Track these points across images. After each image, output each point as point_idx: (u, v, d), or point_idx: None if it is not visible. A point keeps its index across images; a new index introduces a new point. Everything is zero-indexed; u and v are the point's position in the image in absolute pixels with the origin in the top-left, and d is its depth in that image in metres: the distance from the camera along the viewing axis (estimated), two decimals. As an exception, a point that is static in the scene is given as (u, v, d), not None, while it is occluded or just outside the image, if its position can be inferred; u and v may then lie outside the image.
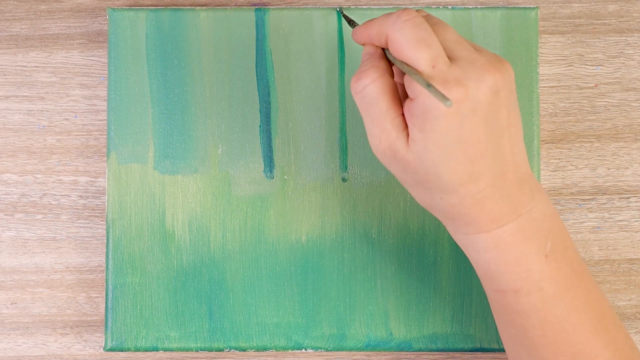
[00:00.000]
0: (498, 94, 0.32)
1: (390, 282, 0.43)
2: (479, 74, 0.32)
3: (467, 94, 0.31)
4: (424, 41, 0.32)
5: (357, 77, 0.34)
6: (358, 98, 0.34)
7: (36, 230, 0.45)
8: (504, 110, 0.33)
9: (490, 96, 0.32)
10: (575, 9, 0.46)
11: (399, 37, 0.32)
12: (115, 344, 0.43)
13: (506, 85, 0.32)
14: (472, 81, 0.31)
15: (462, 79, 0.31)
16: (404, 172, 0.34)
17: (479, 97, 0.31)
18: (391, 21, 0.33)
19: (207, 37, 0.44)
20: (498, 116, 0.32)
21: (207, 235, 0.44)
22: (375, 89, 0.33)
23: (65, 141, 0.45)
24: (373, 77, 0.33)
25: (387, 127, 0.33)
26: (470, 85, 0.31)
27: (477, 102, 0.31)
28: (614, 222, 0.45)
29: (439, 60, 0.32)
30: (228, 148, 0.44)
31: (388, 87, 0.34)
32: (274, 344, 0.43)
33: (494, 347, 0.43)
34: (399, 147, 0.33)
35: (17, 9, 0.46)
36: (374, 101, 0.33)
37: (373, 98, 0.33)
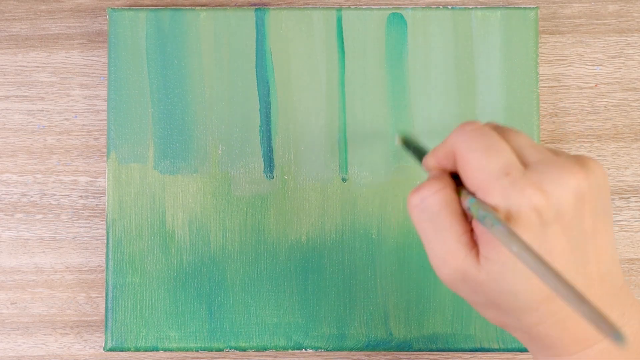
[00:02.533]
0: (582, 199, 0.28)
1: (390, 282, 0.43)
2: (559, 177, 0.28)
3: (548, 199, 0.28)
4: (493, 148, 0.29)
5: (416, 190, 0.30)
6: (416, 212, 0.30)
7: (36, 230, 0.45)
8: (588, 216, 0.29)
9: (573, 201, 0.28)
10: (575, 9, 0.46)
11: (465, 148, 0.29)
12: (115, 344, 0.43)
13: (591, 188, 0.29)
14: (552, 185, 0.28)
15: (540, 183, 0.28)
16: (474, 294, 0.30)
17: (560, 202, 0.28)
18: (455, 135, 0.30)
19: (207, 37, 0.44)
20: (583, 223, 0.29)
21: (207, 235, 0.44)
22: (437, 201, 0.30)
23: (65, 141, 0.45)
24: (435, 189, 0.30)
25: (453, 245, 0.29)
26: (550, 190, 0.28)
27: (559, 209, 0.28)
28: (614, 222, 0.45)
29: (512, 167, 0.28)
30: (228, 148, 0.44)
31: (452, 201, 0.30)
32: (274, 344, 0.43)
33: (494, 347, 0.43)
34: (468, 267, 0.29)
35: (17, 9, 0.46)
36: (436, 215, 0.30)
37: (435, 212, 0.30)
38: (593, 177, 0.29)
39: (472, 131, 0.30)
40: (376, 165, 0.44)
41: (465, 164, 0.29)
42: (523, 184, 0.28)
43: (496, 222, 0.27)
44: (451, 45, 0.44)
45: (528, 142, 0.30)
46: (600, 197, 0.29)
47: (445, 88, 0.44)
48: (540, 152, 0.29)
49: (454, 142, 0.30)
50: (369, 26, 0.44)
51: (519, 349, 0.43)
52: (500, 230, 0.27)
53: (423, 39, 0.44)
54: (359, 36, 0.44)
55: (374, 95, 0.44)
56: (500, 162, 0.28)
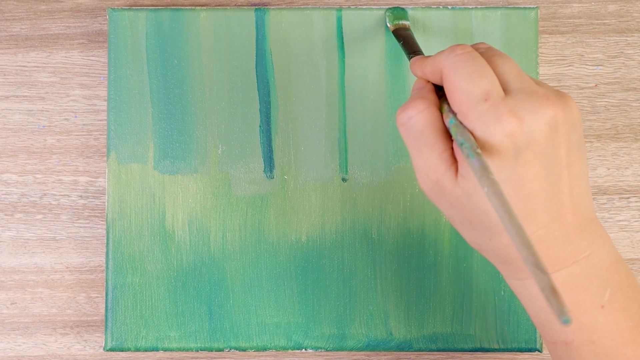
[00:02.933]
0: (556, 129, 0.30)
1: (390, 282, 0.43)
2: (535, 106, 0.29)
3: (522, 126, 0.29)
4: (477, 74, 0.30)
5: (403, 108, 0.32)
6: (403, 130, 0.32)
7: (36, 230, 0.45)
8: (563, 147, 0.30)
9: (547, 130, 0.30)
10: (575, 9, 0.46)
11: (452, 71, 0.31)
12: (115, 344, 0.43)
13: (566, 120, 0.30)
14: (527, 113, 0.29)
15: (517, 111, 0.29)
16: (451, 209, 0.32)
17: (534, 130, 0.29)
18: (444, 55, 0.31)
19: (207, 37, 0.44)
20: (556, 153, 0.30)
21: (207, 235, 0.44)
22: (421, 120, 0.31)
23: (65, 141, 0.45)
24: (420, 109, 0.31)
25: (434, 161, 0.31)
26: (525, 118, 0.29)
27: (533, 136, 0.29)
28: (614, 222, 0.45)
29: (493, 93, 0.30)
30: (228, 148, 0.44)
31: (436, 120, 0.31)
32: (274, 344, 0.43)
33: (494, 347, 0.43)
34: (446, 182, 0.31)
35: (17, 9, 0.46)
36: (420, 133, 0.31)
37: (419, 130, 0.31)
38: (568, 110, 0.30)
39: (460, 55, 0.31)
40: (376, 165, 0.44)
41: (450, 85, 0.31)
42: (500, 110, 0.29)
43: (471, 154, 0.28)
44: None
45: (514, 69, 0.31)
46: (574, 130, 0.31)
47: (445, 88, 0.44)
48: (523, 80, 0.31)
49: (442, 62, 0.31)
50: (369, 26, 0.44)
51: (518, 348, 0.43)
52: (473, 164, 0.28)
53: (423, 39, 0.44)
54: (359, 36, 0.44)
55: (374, 95, 0.44)
56: (482, 87, 0.30)
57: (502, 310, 0.43)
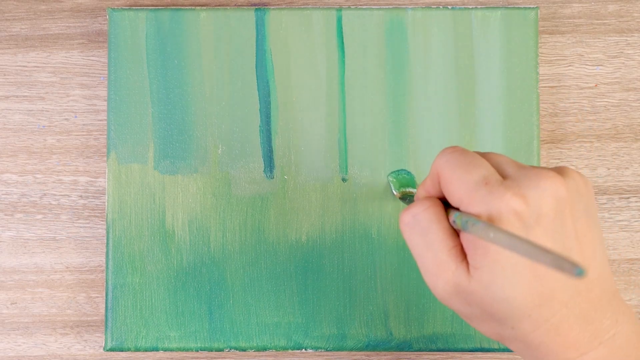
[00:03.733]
0: (562, 201, 0.29)
1: (390, 282, 0.43)
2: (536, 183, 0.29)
3: (528, 203, 0.29)
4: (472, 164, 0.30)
5: (407, 209, 0.31)
6: (408, 229, 0.31)
7: (36, 230, 0.45)
8: (569, 219, 0.30)
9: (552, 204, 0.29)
10: (575, 9, 0.46)
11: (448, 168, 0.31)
12: (115, 344, 0.43)
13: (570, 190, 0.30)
14: (530, 190, 0.29)
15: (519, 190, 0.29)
16: (468, 306, 0.31)
17: (540, 205, 0.29)
18: (437, 159, 0.31)
19: (207, 37, 0.44)
20: (565, 226, 0.29)
21: (207, 235, 0.44)
22: (427, 216, 0.31)
23: (65, 141, 0.45)
24: (425, 206, 0.31)
25: (444, 258, 0.30)
26: (528, 194, 0.29)
27: (540, 212, 0.29)
28: (614, 222, 0.45)
29: (492, 178, 0.29)
30: (228, 148, 0.44)
31: (442, 217, 0.31)
32: (274, 344, 0.43)
33: (494, 347, 0.43)
34: (459, 278, 0.30)
35: (17, 9, 0.46)
36: (427, 230, 0.31)
37: (425, 227, 0.31)
38: (572, 182, 0.30)
39: (452, 152, 0.31)
40: (376, 165, 0.44)
41: (447, 181, 0.31)
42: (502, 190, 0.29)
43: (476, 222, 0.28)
44: (451, 45, 0.44)
45: (507, 159, 0.31)
46: (581, 201, 0.30)
47: (445, 88, 0.44)
48: (519, 166, 0.31)
49: (437, 165, 0.31)
50: (369, 26, 0.44)
51: (519, 349, 0.43)
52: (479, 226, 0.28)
53: (423, 39, 0.44)
54: (359, 36, 0.44)
55: (374, 95, 0.44)
56: (479, 174, 0.30)
57: (502, 310, 0.43)
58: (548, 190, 0.29)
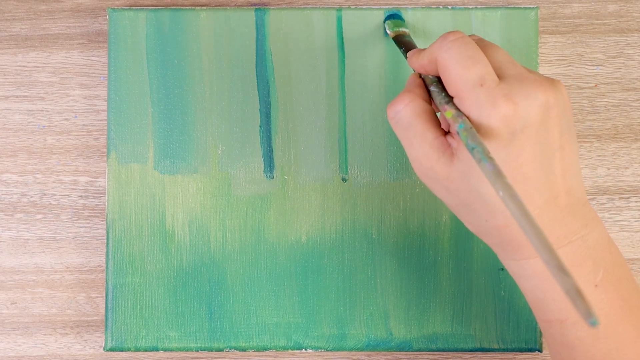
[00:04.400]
0: (549, 113, 0.31)
1: (390, 282, 0.43)
2: (528, 91, 0.30)
3: (516, 110, 0.30)
4: (472, 59, 0.31)
5: (391, 103, 0.33)
6: (393, 123, 0.33)
7: (36, 230, 0.45)
8: (555, 130, 0.31)
9: (540, 114, 0.30)
10: (575, 9, 0.46)
11: (446, 57, 0.31)
12: (115, 344, 0.43)
13: (558, 104, 0.31)
14: (521, 97, 0.30)
15: (511, 95, 0.30)
16: (448, 193, 0.33)
17: (528, 114, 0.30)
18: (438, 43, 0.32)
19: (207, 37, 0.44)
20: (549, 136, 0.31)
21: (207, 235, 0.44)
22: (408, 112, 0.32)
23: (65, 141, 0.45)
24: (406, 102, 0.33)
25: (426, 150, 0.32)
26: (519, 102, 0.30)
27: (527, 120, 0.30)
28: (614, 222, 0.45)
29: (487, 78, 0.30)
30: (228, 148, 0.44)
31: (423, 110, 0.33)
32: (274, 344, 0.43)
33: (494, 347, 0.43)
34: (441, 168, 0.32)
35: (17, 9, 0.46)
36: (409, 125, 0.32)
37: (407, 122, 0.32)
38: (559, 95, 0.31)
39: (453, 41, 0.32)
40: (376, 165, 0.44)
41: (445, 72, 0.32)
42: (495, 94, 0.30)
43: (484, 159, 0.29)
44: (451, 45, 0.44)
45: (506, 57, 0.32)
46: (565, 114, 0.32)
47: (445, 88, 0.44)
48: (516, 67, 0.32)
49: (437, 51, 0.32)
50: (369, 26, 0.44)
51: (518, 348, 0.43)
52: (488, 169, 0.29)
53: (423, 39, 0.44)
54: (359, 36, 0.44)
55: (374, 95, 0.44)
56: (476, 72, 0.31)
57: (502, 310, 0.43)
58: (539, 100, 0.30)
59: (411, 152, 0.33)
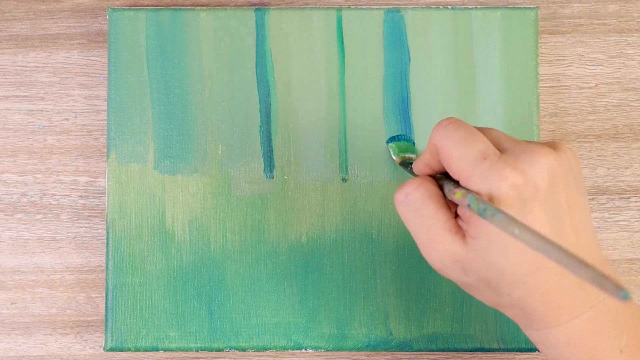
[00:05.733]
0: (554, 176, 0.31)
1: (390, 282, 0.43)
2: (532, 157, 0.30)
3: (525, 177, 0.30)
4: (470, 137, 0.31)
5: (400, 188, 0.33)
6: (402, 207, 0.33)
7: (36, 230, 0.45)
8: (562, 192, 0.31)
9: (547, 179, 0.30)
10: (575, 9, 0.46)
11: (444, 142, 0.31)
12: (115, 344, 0.43)
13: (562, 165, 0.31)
14: (526, 165, 0.30)
15: (516, 164, 0.30)
16: (465, 275, 0.32)
17: (536, 179, 0.30)
18: (434, 132, 0.32)
19: (207, 37, 0.44)
20: (558, 198, 0.31)
21: (207, 235, 0.44)
22: (419, 193, 0.32)
23: (65, 141, 0.45)
24: (416, 184, 0.33)
25: (439, 232, 0.32)
26: (526, 169, 0.30)
27: (536, 186, 0.30)
28: (614, 222, 0.45)
29: (489, 152, 0.31)
30: (228, 148, 0.44)
31: (433, 192, 0.32)
32: (274, 344, 0.43)
33: (494, 347, 0.43)
34: (455, 249, 0.32)
35: (17, 9, 0.46)
36: (420, 206, 0.32)
37: (419, 204, 0.32)
38: (564, 156, 0.31)
39: (448, 125, 0.32)
40: (376, 165, 0.44)
41: (446, 155, 0.32)
42: (500, 166, 0.30)
43: (496, 212, 0.29)
44: (451, 45, 0.44)
45: (502, 134, 0.33)
46: (572, 174, 0.32)
47: (445, 88, 0.44)
48: (514, 140, 0.32)
49: (435, 139, 0.32)
50: (368, 26, 0.44)
51: (519, 348, 0.43)
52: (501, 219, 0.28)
53: (423, 39, 0.44)
54: (359, 36, 0.44)
55: (373, 95, 0.44)
56: (477, 148, 0.31)
57: (502, 310, 0.43)
58: (544, 165, 0.30)
59: (422, 237, 0.32)
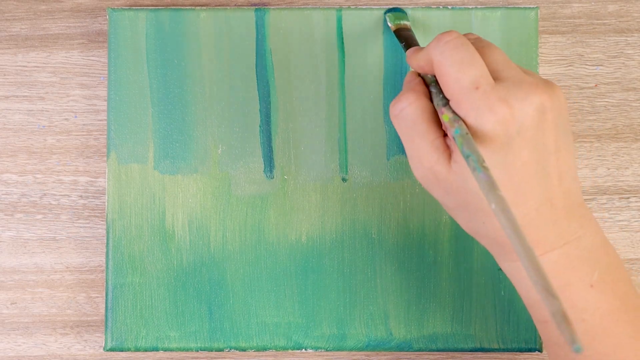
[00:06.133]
0: (545, 116, 0.31)
1: (390, 282, 0.43)
2: (524, 93, 0.30)
3: (513, 113, 0.30)
4: (467, 62, 0.31)
5: (395, 101, 0.33)
6: (396, 121, 0.33)
7: (36, 230, 0.45)
8: (551, 133, 0.31)
9: (536, 117, 0.30)
10: (575, 9, 0.46)
11: (441, 60, 0.31)
12: (115, 344, 0.43)
13: (554, 107, 0.31)
14: (517, 100, 0.30)
15: (507, 98, 0.30)
16: (445, 194, 0.33)
17: (524, 117, 0.30)
18: (433, 44, 0.32)
19: (207, 37, 0.44)
20: (545, 139, 0.31)
21: (207, 235, 0.44)
22: (412, 110, 0.32)
23: (65, 141, 0.45)
24: (410, 100, 0.33)
25: (426, 149, 0.32)
26: (515, 105, 0.30)
27: (523, 123, 0.30)
28: (614, 222, 0.45)
29: (483, 81, 0.30)
30: (228, 148, 0.44)
31: (426, 110, 0.33)
32: (274, 344, 0.43)
33: (494, 347, 0.43)
34: (440, 168, 0.32)
35: (17, 9, 0.46)
36: (412, 123, 0.33)
37: (411, 120, 0.33)
38: (555, 97, 0.31)
39: (448, 42, 0.31)
40: (376, 165, 0.44)
41: (440, 74, 0.31)
42: (491, 97, 0.30)
43: (479, 168, 0.29)
44: (451, 45, 0.44)
45: (502, 58, 0.32)
46: (561, 117, 0.32)
47: (445, 88, 0.44)
48: (512, 69, 0.32)
49: (432, 53, 0.32)
50: (369, 26, 0.44)
51: (519, 348, 0.43)
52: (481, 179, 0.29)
53: (423, 39, 0.44)
54: (359, 36, 0.44)
55: (374, 95, 0.44)
56: (472, 75, 0.30)
57: (502, 310, 0.43)
58: (535, 103, 0.30)
59: (411, 151, 0.33)
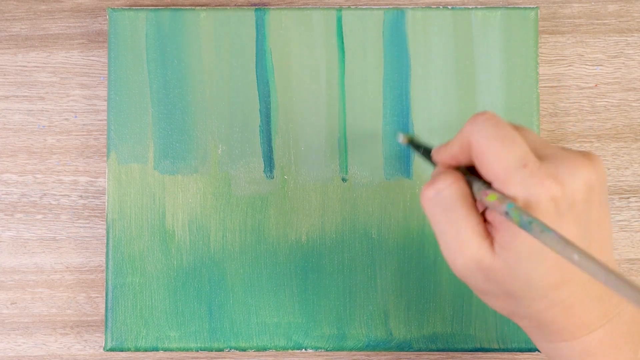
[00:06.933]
0: (592, 190, 0.30)
1: (390, 282, 0.43)
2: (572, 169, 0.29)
3: (564, 190, 0.29)
4: (509, 139, 0.29)
5: (430, 184, 0.31)
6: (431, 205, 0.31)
7: (36, 230, 0.45)
8: (596, 206, 0.30)
9: (585, 192, 0.29)
10: (575, 9, 0.46)
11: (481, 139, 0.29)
12: (115, 344, 0.43)
13: (599, 180, 0.30)
14: (566, 177, 0.29)
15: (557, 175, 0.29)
16: (486, 282, 0.31)
17: (575, 193, 0.29)
18: (469, 126, 0.30)
19: (207, 37, 0.44)
20: (590, 213, 0.30)
21: (207, 235, 0.44)
22: (451, 193, 0.30)
23: (65, 141, 0.45)
24: (448, 182, 0.30)
25: (468, 235, 0.30)
26: (565, 181, 0.29)
27: (573, 199, 0.29)
28: (614, 222, 0.45)
29: (529, 158, 0.29)
30: (228, 148, 0.44)
31: (466, 193, 0.31)
32: (274, 344, 0.43)
33: (494, 347, 0.43)
34: (483, 256, 0.30)
35: (17, 9, 0.46)
36: (452, 207, 0.30)
37: (450, 204, 0.30)
38: (600, 170, 0.30)
39: (486, 120, 0.30)
40: (376, 165, 0.44)
41: (481, 153, 0.30)
42: (541, 175, 0.29)
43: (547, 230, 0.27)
44: (451, 45, 0.44)
45: (538, 137, 0.31)
46: (604, 190, 0.31)
47: (445, 88, 0.44)
48: (551, 147, 0.31)
49: (469, 132, 0.30)
50: (368, 26, 0.44)
51: (519, 348, 0.43)
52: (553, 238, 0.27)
53: (423, 39, 0.44)
54: (358, 36, 0.44)
55: (373, 95, 0.44)
56: (517, 153, 0.29)
57: (502, 310, 0.43)
58: (583, 178, 0.29)
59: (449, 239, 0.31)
